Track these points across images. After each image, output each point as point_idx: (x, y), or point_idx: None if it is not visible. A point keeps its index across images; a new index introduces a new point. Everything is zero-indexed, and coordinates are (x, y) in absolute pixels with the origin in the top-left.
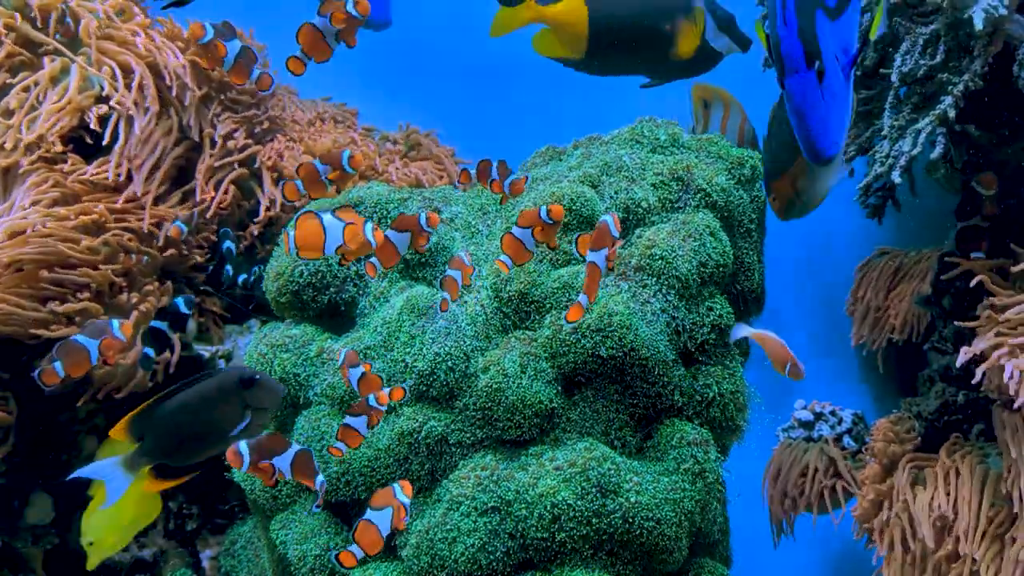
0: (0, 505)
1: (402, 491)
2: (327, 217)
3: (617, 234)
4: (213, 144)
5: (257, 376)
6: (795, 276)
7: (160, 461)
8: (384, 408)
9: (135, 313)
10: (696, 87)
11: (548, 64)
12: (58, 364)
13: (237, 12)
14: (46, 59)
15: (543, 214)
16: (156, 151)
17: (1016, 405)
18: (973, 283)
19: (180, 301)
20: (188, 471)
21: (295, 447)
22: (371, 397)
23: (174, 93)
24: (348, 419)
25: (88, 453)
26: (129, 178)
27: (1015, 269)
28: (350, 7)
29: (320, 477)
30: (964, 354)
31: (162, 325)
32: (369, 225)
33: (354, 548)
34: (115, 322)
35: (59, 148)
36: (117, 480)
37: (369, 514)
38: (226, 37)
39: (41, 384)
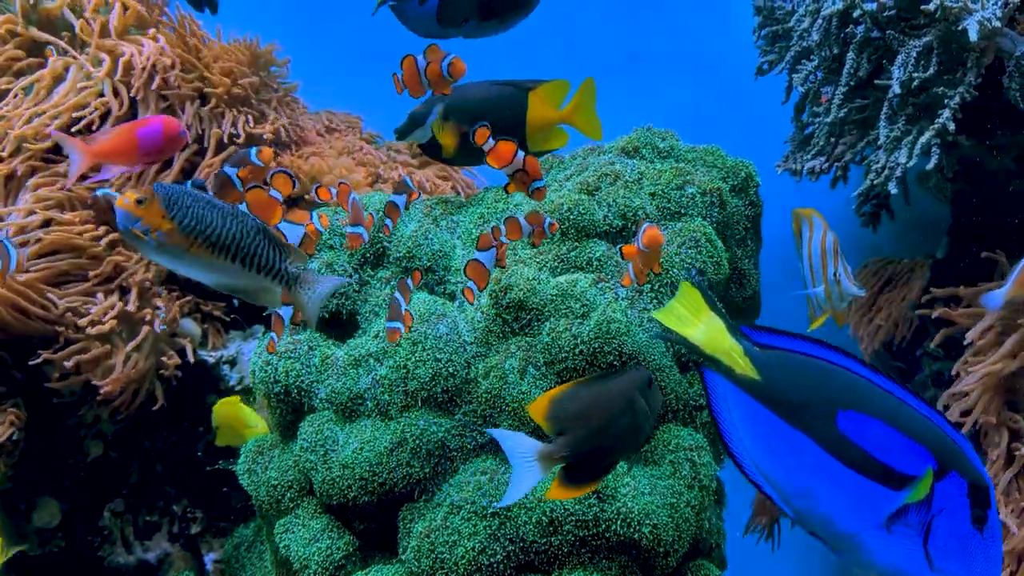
0: (7, 508)
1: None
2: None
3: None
4: (221, 147)
5: (651, 377)
6: (791, 285)
7: (577, 459)
8: None
9: (149, 328)
10: (796, 212)
11: (550, 73)
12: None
13: (260, 21)
14: (51, 59)
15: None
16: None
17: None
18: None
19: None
20: (592, 476)
21: None
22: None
23: (137, 77)
24: (478, 254)
25: (93, 457)
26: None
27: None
28: (444, 66)
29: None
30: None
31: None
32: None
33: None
34: (252, 150)
35: (48, 144)
36: (529, 474)
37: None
38: None
39: None
